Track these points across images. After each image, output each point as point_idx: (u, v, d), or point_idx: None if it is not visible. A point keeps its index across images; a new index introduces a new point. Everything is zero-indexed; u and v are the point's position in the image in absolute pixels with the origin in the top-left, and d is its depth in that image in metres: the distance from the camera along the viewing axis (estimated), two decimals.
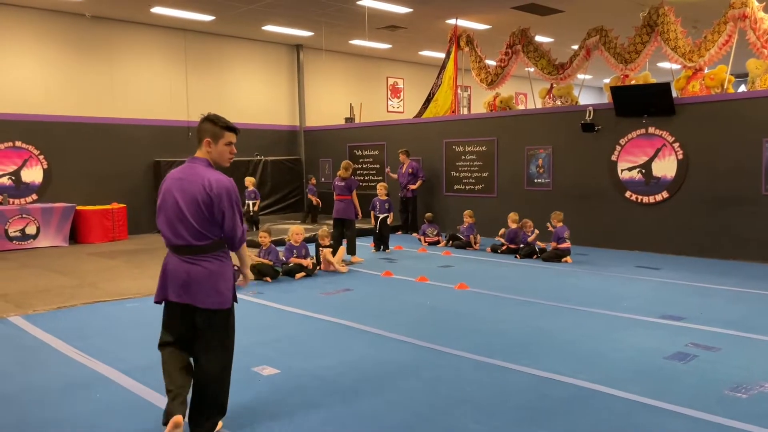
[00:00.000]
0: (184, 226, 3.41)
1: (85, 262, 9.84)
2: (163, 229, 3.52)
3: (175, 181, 3.47)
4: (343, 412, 3.83)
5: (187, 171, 3.47)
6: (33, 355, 5.12)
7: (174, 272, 3.47)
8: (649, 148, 10.19)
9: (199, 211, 3.37)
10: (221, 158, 3.55)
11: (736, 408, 3.82)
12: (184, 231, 3.42)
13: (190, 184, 3.40)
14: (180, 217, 3.41)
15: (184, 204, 3.39)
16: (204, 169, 3.45)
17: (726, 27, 9.94)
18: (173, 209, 3.44)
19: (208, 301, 3.45)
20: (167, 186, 3.51)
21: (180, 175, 3.48)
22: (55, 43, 12.61)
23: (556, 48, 14.84)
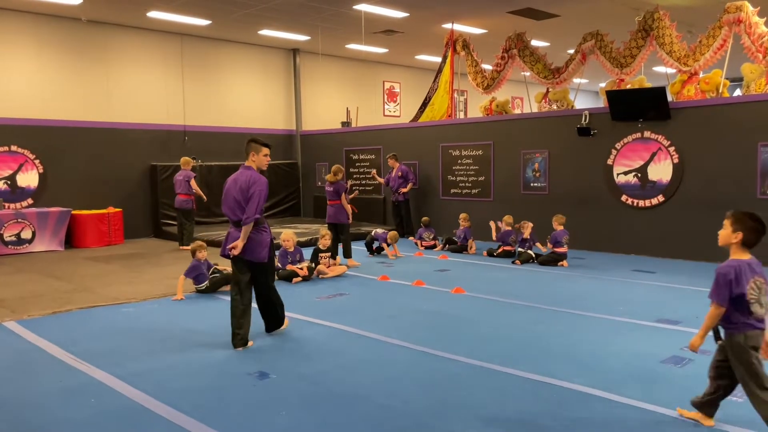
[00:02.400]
0: (239, 207, 5.26)
1: (80, 266, 9.81)
2: (225, 210, 5.40)
3: (233, 180, 5.41)
4: (339, 417, 3.83)
5: (240, 173, 5.40)
6: (28, 360, 5.10)
7: (232, 237, 5.37)
8: (644, 152, 10.21)
9: (245, 197, 5.22)
10: (261, 164, 5.52)
11: (731, 412, 3.82)
12: (238, 211, 5.27)
13: (241, 181, 5.29)
14: (236, 202, 5.28)
15: (238, 193, 5.28)
16: (252, 171, 5.38)
17: (721, 31, 9.99)
18: (231, 197, 5.32)
19: (251, 257, 5.32)
20: (229, 183, 5.42)
21: (236, 176, 5.41)
22: (52, 47, 12.60)
23: (552, 52, 14.89)
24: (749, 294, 3.32)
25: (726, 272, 3.36)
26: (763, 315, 3.35)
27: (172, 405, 4.04)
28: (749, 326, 3.35)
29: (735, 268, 3.35)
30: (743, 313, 3.35)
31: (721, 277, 3.37)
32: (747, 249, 3.43)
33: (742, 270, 3.34)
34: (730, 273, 3.34)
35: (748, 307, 3.34)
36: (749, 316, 3.35)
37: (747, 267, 3.36)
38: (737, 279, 3.33)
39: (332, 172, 9.79)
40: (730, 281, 3.33)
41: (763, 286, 3.37)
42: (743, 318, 3.36)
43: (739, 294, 3.33)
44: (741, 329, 3.37)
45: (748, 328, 3.36)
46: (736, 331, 3.40)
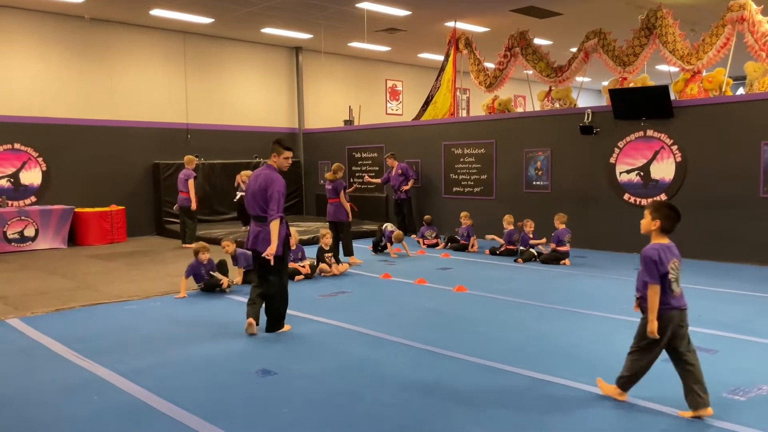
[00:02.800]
0: (257, 204, 5.55)
1: (83, 264, 9.83)
2: (247, 206, 5.70)
3: (255, 177, 5.65)
4: (341, 415, 3.83)
5: (262, 171, 5.65)
6: (31, 357, 5.12)
7: (252, 231, 5.66)
8: (647, 151, 10.20)
9: (264, 196, 5.49)
10: (281, 165, 5.73)
11: (734, 410, 3.82)
12: (257, 207, 5.56)
13: (262, 180, 5.54)
14: (255, 199, 5.55)
15: (258, 191, 5.53)
16: (271, 171, 5.63)
17: (724, 30, 9.96)
18: (252, 194, 5.59)
19: (265, 250, 5.45)
20: (251, 180, 5.69)
21: (257, 173, 5.67)
22: (55, 45, 12.62)
23: (555, 51, 14.87)
24: (670, 273, 3.71)
25: (651, 254, 3.75)
26: (680, 293, 3.77)
27: (174, 402, 4.05)
28: (668, 308, 3.71)
29: (658, 250, 3.75)
30: (664, 292, 3.70)
31: (648, 260, 3.75)
32: (666, 234, 3.89)
33: (664, 252, 3.75)
34: (654, 254, 3.74)
35: (669, 285, 3.70)
36: (670, 294, 3.71)
37: (667, 249, 3.79)
38: (661, 260, 3.71)
39: (332, 171, 9.81)
40: (655, 261, 3.71)
41: (679, 267, 3.80)
42: (663, 297, 3.70)
43: (663, 273, 3.70)
44: (663, 310, 3.70)
45: (666, 311, 3.71)
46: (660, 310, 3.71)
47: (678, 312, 3.74)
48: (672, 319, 3.72)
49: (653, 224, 3.90)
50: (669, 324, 3.71)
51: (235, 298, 7.32)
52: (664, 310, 3.70)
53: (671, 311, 3.72)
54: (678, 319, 3.74)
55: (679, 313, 3.75)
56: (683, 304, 3.78)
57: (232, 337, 5.64)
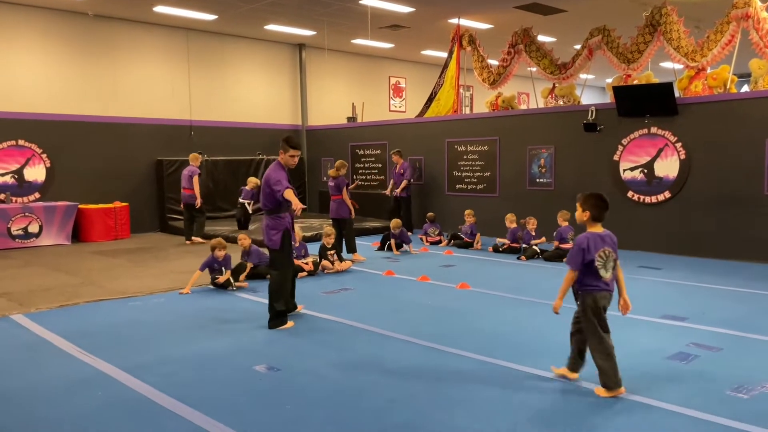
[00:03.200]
0: (263, 198, 5.88)
1: (87, 260, 9.86)
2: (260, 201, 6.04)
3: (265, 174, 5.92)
4: (344, 411, 3.84)
5: (269, 167, 5.90)
6: (35, 352, 5.13)
7: (262, 225, 5.97)
8: (651, 148, 10.18)
9: (265, 190, 5.79)
10: (288, 163, 5.91)
11: (737, 408, 3.82)
12: (263, 201, 5.88)
13: (265, 175, 5.87)
14: (262, 193, 5.88)
15: (263, 186, 5.85)
16: (274, 166, 5.88)
17: (729, 27, 9.92)
18: (260, 190, 6.05)
19: (266, 242, 5.86)
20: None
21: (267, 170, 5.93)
22: (58, 42, 12.63)
23: (559, 48, 14.82)
24: (597, 261, 3.99)
25: (580, 242, 4.02)
26: (609, 279, 4.05)
27: (178, 398, 4.06)
28: (598, 288, 4.03)
29: (588, 239, 4.03)
30: (594, 276, 4.01)
31: (576, 246, 4.04)
32: (598, 223, 4.13)
33: (594, 241, 4.01)
34: (583, 243, 4.02)
35: (597, 272, 3.99)
36: (599, 279, 4.01)
37: (598, 238, 4.04)
38: (588, 248, 3.99)
39: (335, 168, 9.81)
40: (582, 249, 4.00)
41: (611, 254, 4.06)
42: (594, 281, 4.02)
43: (590, 260, 3.99)
44: (591, 291, 4.03)
45: (597, 290, 4.03)
46: (588, 292, 4.04)
47: (608, 293, 4.07)
48: (605, 297, 4.04)
49: (584, 215, 4.14)
50: (602, 301, 4.03)
51: (239, 294, 7.34)
52: (598, 291, 4.03)
53: (602, 291, 4.04)
54: (604, 298, 4.05)
55: (604, 293, 4.05)
56: (609, 288, 4.08)
57: (235, 333, 5.65)
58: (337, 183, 9.64)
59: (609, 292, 4.07)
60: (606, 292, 4.05)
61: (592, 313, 4.03)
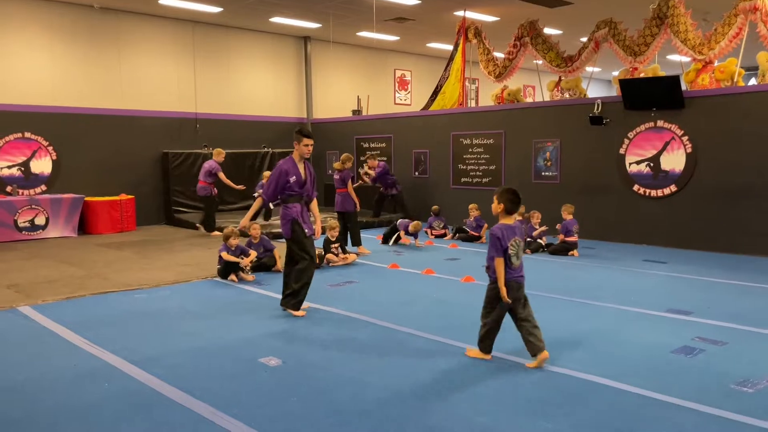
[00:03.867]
0: None
1: (93, 252, 9.90)
2: None
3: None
4: (348, 403, 3.85)
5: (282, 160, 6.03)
6: (42, 344, 5.17)
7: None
8: (657, 142, 10.13)
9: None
10: (302, 153, 6.00)
11: (742, 402, 3.82)
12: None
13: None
14: None
15: None
16: (286, 160, 6.00)
17: (736, 19, 9.85)
18: None
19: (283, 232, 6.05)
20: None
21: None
22: (64, 34, 12.64)
23: (565, 40, 14.77)
24: (510, 249, 4.44)
25: (495, 232, 4.47)
26: (518, 266, 4.52)
27: (184, 390, 4.08)
28: (510, 277, 4.47)
29: (501, 230, 4.46)
30: (506, 264, 4.45)
31: (493, 237, 4.47)
32: (510, 215, 4.57)
33: (506, 231, 4.46)
34: (497, 233, 4.46)
35: (509, 259, 4.44)
36: (510, 266, 4.46)
37: (510, 229, 4.49)
38: (502, 237, 4.44)
39: (341, 161, 9.83)
40: (498, 238, 4.44)
41: (521, 244, 4.56)
42: (506, 270, 4.46)
43: (504, 248, 4.44)
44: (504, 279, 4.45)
45: (507, 280, 4.46)
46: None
47: (515, 283, 4.50)
48: (512, 286, 4.47)
49: (499, 207, 4.58)
50: (510, 290, 4.46)
51: (245, 287, 7.36)
52: (506, 279, 4.46)
53: (510, 281, 4.47)
54: (516, 288, 4.49)
55: (516, 284, 4.50)
56: (520, 276, 4.55)
57: (241, 325, 5.68)
58: (342, 176, 9.64)
59: (519, 280, 4.53)
60: (515, 282, 4.49)
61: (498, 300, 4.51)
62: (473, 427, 3.50)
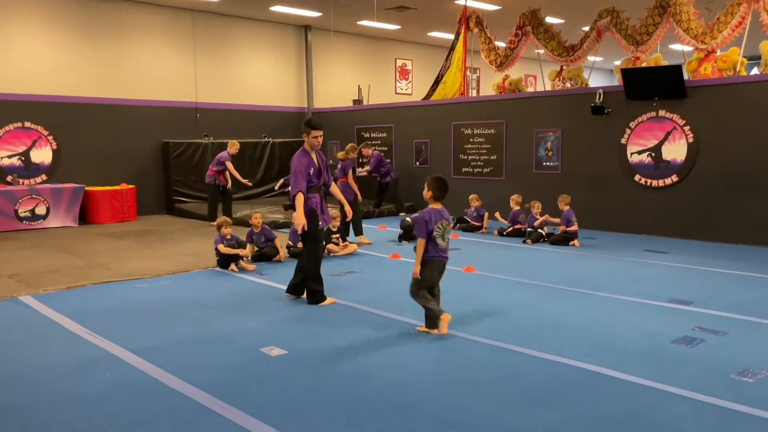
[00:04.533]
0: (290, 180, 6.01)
1: (94, 242, 9.91)
2: None
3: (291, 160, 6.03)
4: (350, 393, 3.87)
5: (295, 154, 5.99)
6: (43, 334, 5.18)
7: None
8: (659, 132, 10.11)
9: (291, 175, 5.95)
10: (312, 144, 6.00)
11: (742, 392, 3.83)
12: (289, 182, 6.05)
13: (291, 161, 5.99)
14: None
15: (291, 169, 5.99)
16: (300, 153, 5.96)
17: (739, 8, 9.79)
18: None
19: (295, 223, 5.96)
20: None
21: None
22: (64, 23, 12.58)
23: (567, 29, 14.68)
24: (435, 231, 4.93)
25: (423, 216, 4.96)
26: (445, 246, 5.02)
27: (185, 379, 4.09)
28: (436, 257, 4.99)
29: (430, 213, 4.97)
30: (433, 245, 4.95)
31: (420, 219, 4.95)
32: (438, 201, 5.06)
33: (434, 215, 4.96)
34: (426, 216, 4.95)
35: (434, 240, 4.93)
36: (436, 247, 4.96)
37: (437, 213, 4.99)
38: (429, 221, 4.94)
39: (345, 150, 9.84)
40: (426, 221, 4.92)
41: (447, 226, 5.03)
42: (432, 250, 4.96)
43: (430, 230, 4.92)
44: (428, 258, 4.97)
45: (433, 257, 4.98)
46: (427, 259, 4.97)
47: (439, 260, 5.01)
48: (436, 264, 4.99)
49: (428, 194, 5.07)
50: (435, 267, 4.99)
51: (246, 277, 7.37)
52: (430, 258, 4.95)
53: (435, 259, 4.97)
54: (440, 265, 5.03)
55: (440, 262, 5.02)
56: (445, 256, 5.04)
57: (242, 315, 5.69)
58: (344, 166, 9.63)
59: (444, 259, 5.04)
60: (440, 260, 5.01)
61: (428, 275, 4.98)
62: (475, 417, 3.52)
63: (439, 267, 5.02)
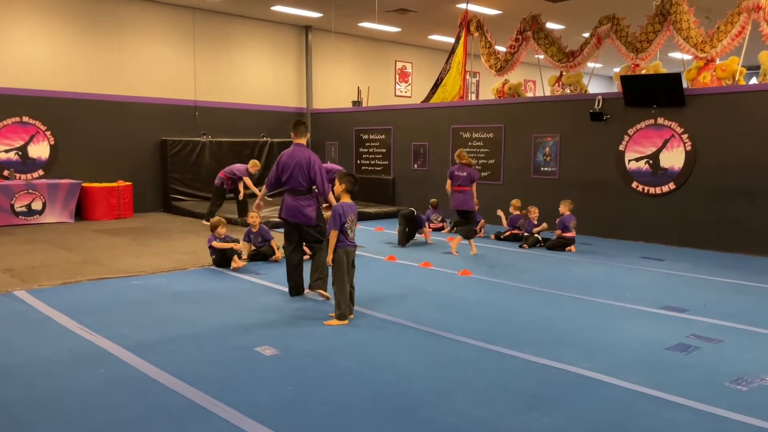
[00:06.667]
0: (296, 180, 6.18)
1: (90, 238, 9.88)
2: (284, 180, 6.22)
3: (290, 155, 6.22)
4: (343, 394, 3.86)
5: (297, 150, 6.25)
6: (38, 329, 5.16)
7: (288, 203, 6.24)
8: (657, 139, 10.13)
9: (303, 172, 6.17)
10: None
11: (736, 400, 3.83)
12: (295, 182, 6.19)
13: (299, 158, 6.19)
14: (294, 175, 6.17)
15: (297, 168, 6.16)
16: (306, 149, 6.29)
17: (739, 18, 9.82)
18: (291, 171, 6.17)
19: (304, 220, 6.23)
20: (286, 158, 6.23)
21: (292, 152, 6.24)
22: (64, 18, 12.56)
23: (567, 35, 14.72)
24: (347, 224, 5.36)
25: (338, 209, 5.36)
26: (353, 238, 5.46)
27: (179, 377, 4.08)
28: (346, 245, 5.41)
29: (342, 207, 5.38)
30: (344, 235, 5.38)
31: (335, 213, 5.34)
32: (349, 195, 5.48)
33: (346, 208, 5.38)
34: (339, 210, 5.36)
35: (346, 231, 5.36)
36: (347, 237, 5.40)
37: (349, 207, 5.42)
38: (343, 213, 5.33)
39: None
40: (339, 214, 5.33)
41: (354, 219, 5.46)
42: (343, 239, 5.38)
43: (343, 222, 5.33)
44: (342, 247, 5.38)
45: (345, 246, 5.40)
46: (339, 248, 5.37)
47: (352, 248, 5.47)
48: (349, 252, 5.43)
49: (341, 188, 5.47)
50: (346, 255, 5.39)
51: (242, 276, 7.35)
52: (343, 246, 5.37)
53: (348, 247, 5.41)
54: (350, 252, 5.44)
55: (350, 249, 5.44)
56: (354, 245, 5.50)
57: (236, 313, 5.68)
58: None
59: (354, 247, 5.50)
60: (352, 248, 5.46)
61: (340, 261, 5.35)
62: (468, 420, 3.52)
63: (348, 253, 5.41)
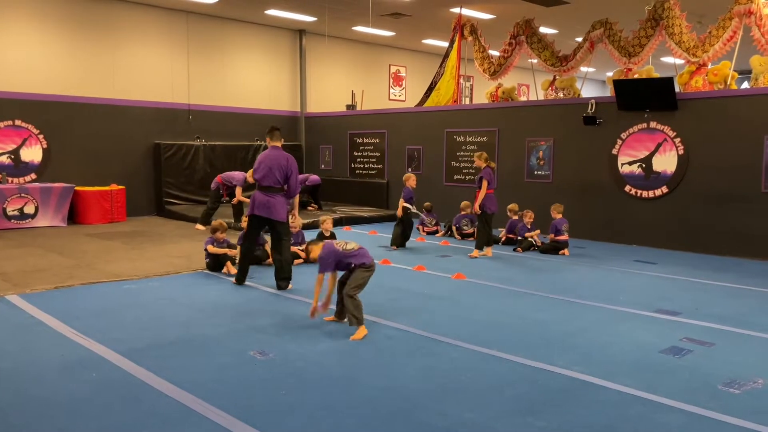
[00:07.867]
0: (273, 177, 6.67)
1: (83, 242, 9.83)
2: (259, 177, 6.71)
3: (268, 156, 6.75)
4: (338, 398, 3.85)
5: (274, 152, 6.77)
6: (30, 333, 5.13)
7: (260, 199, 6.70)
8: (650, 143, 10.17)
9: (281, 171, 6.67)
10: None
11: (728, 403, 3.84)
12: (271, 180, 6.67)
13: (277, 158, 6.71)
14: (272, 172, 6.66)
15: (276, 166, 6.65)
16: (282, 151, 6.79)
17: (731, 23, 9.90)
18: (269, 168, 6.66)
19: (278, 216, 6.70)
20: (263, 158, 6.76)
21: (270, 153, 6.77)
22: (57, 21, 12.53)
23: (560, 40, 14.79)
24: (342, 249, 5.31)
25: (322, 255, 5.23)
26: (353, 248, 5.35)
27: (172, 381, 4.06)
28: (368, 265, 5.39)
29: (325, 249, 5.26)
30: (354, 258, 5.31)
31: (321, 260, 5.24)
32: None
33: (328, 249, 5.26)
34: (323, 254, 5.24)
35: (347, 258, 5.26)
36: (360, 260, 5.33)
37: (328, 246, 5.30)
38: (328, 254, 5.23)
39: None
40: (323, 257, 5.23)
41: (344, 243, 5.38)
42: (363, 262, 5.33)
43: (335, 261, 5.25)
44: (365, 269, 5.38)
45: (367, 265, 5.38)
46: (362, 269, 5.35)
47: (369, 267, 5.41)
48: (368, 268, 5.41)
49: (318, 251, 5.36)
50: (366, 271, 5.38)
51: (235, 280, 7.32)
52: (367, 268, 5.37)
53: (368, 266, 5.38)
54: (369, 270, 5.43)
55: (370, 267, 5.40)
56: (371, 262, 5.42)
57: (229, 318, 5.66)
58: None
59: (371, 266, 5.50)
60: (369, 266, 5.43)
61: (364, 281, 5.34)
62: (463, 424, 3.51)
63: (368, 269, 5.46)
